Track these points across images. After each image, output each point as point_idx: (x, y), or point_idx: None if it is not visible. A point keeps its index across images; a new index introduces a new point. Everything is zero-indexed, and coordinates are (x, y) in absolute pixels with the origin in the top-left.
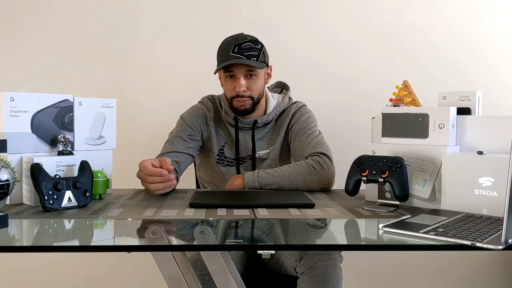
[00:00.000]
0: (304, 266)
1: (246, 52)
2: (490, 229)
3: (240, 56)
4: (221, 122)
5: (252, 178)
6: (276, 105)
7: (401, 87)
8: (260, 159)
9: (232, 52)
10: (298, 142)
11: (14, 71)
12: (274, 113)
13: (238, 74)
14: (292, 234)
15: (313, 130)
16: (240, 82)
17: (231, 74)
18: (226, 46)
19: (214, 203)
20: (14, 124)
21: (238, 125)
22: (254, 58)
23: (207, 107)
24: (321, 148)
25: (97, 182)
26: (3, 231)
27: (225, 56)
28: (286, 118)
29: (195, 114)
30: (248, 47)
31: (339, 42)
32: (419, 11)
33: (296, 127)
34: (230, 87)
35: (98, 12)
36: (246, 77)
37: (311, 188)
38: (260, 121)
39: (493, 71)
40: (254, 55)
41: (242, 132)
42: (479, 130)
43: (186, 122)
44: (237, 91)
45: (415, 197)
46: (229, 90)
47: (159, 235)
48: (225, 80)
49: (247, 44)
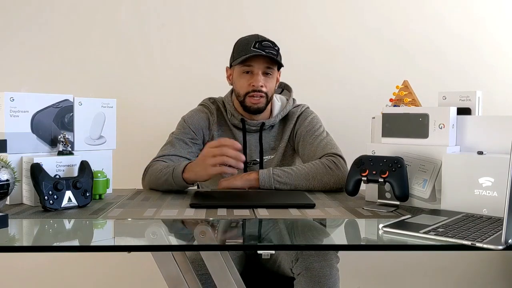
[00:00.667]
0: (300, 267)
1: (267, 49)
2: (490, 229)
3: (262, 52)
4: (224, 125)
5: (268, 175)
6: (281, 107)
7: (401, 87)
8: (264, 164)
9: (253, 47)
10: (307, 144)
11: (14, 71)
12: (280, 115)
13: (256, 70)
14: (292, 234)
15: (320, 131)
16: (259, 77)
17: (249, 70)
18: (245, 42)
19: (214, 203)
20: (14, 124)
21: (245, 128)
22: (274, 56)
23: (210, 110)
24: (332, 148)
25: (97, 182)
26: (3, 231)
27: (245, 51)
28: (290, 122)
29: (198, 118)
30: (267, 45)
31: (339, 43)
32: (419, 11)
33: (302, 130)
34: (246, 82)
35: (98, 12)
36: (264, 74)
37: (327, 188)
38: (267, 123)
39: (493, 71)
40: (273, 54)
41: (248, 136)
42: (479, 130)
43: (189, 125)
44: (254, 86)
45: (415, 197)
46: (244, 86)
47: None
48: (240, 76)
49: (267, 43)
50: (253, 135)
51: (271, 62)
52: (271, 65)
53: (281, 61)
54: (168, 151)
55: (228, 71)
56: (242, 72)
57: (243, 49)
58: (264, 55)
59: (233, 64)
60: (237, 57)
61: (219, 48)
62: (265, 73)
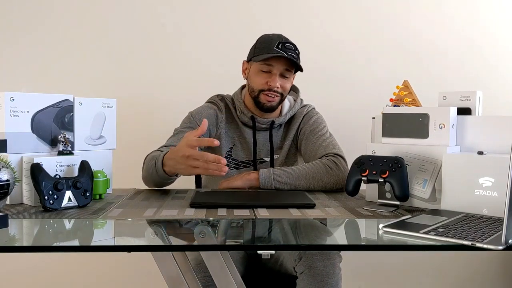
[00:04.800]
0: (303, 266)
1: (289, 52)
2: (490, 229)
3: (285, 54)
4: (232, 123)
5: (268, 175)
6: (290, 107)
7: (402, 87)
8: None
9: (276, 47)
10: (309, 143)
11: (14, 71)
12: (289, 114)
13: (275, 70)
14: (292, 234)
15: (324, 131)
16: (277, 78)
17: (269, 69)
18: (269, 40)
19: (214, 203)
20: (14, 124)
21: (256, 125)
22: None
23: (219, 107)
24: (334, 149)
25: (97, 182)
26: (3, 231)
27: (267, 49)
28: (296, 121)
29: (206, 114)
30: (290, 48)
31: (339, 43)
32: (419, 11)
33: (306, 129)
34: (263, 80)
35: (98, 12)
36: (281, 76)
37: (328, 189)
38: (277, 122)
39: (493, 71)
40: (294, 57)
41: (257, 134)
42: (479, 130)
43: (196, 120)
44: (271, 85)
45: (415, 197)
46: (260, 83)
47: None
48: (258, 73)
49: (290, 45)
50: (262, 134)
51: (290, 65)
52: (290, 68)
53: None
54: (170, 142)
55: (245, 65)
56: (261, 70)
57: (265, 47)
58: (286, 57)
59: (253, 59)
60: (258, 53)
61: (219, 48)
62: (282, 74)
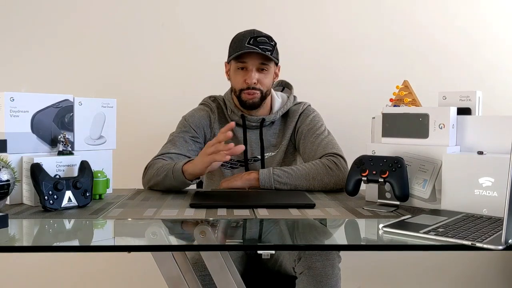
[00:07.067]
0: (302, 266)
1: (261, 46)
2: (490, 229)
3: (256, 48)
4: (225, 122)
5: (268, 175)
6: (281, 104)
7: (401, 87)
8: (265, 161)
9: (247, 43)
10: (308, 143)
11: (14, 71)
12: (281, 111)
13: (250, 66)
14: (292, 234)
15: (322, 130)
16: (252, 74)
17: (244, 66)
18: (241, 38)
19: (214, 203)
20: (14, 124)
21: (246, 124)
22: (268, 53)
23: (211, 108)
24: (333, 148)
25: (97, 182)
26: (3, 231)
27: (239, 47)
28: (292, 119)
29: (199, 116)
30: (263, 41)
31: (339, 42)
32: (420, 11)
33: (304, 128)
34: (240, 79)
35: (98, 12)
36: (258, 71)
37: (328, 189)
38: (267, 119)
39: (493, 71)
40: (268, 50)
41: (249, 132)
42: (479, 130)
43: (189, 123)
44: (248, 83)
45: (415, 197)
46: (239, 82)
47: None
48: (235, 72)
49: (262, 38)
50: (254, 132)
51: (265, 58)
52: (266, 61)
53: (278, 56)
54: (168, 149)
55: (227, 67)
56: (237, 68)
57: (238, 44)
58: (257, 51)
59: (229, 59)
60: (232, 53)
61: (219, 48)
62: (260, 69)
